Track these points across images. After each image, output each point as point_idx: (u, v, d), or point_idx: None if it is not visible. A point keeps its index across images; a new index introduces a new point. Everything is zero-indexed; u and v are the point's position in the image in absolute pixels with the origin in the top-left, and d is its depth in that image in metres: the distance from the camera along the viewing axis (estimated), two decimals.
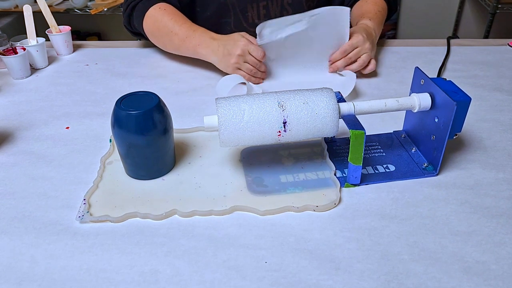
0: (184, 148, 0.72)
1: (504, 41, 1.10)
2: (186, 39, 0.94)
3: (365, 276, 0.50)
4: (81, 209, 0.59)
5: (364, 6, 1.05)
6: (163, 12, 0.98)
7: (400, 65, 1.00)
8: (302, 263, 0.52)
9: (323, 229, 0.56)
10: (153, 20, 0.98)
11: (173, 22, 0.96)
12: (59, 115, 0.83)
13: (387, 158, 0.69)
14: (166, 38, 0.98)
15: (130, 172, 0.65)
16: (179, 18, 0.97)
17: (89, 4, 2.20)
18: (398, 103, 0.62)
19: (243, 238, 0.55)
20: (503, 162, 0.68)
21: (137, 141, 0.60)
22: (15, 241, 0.55)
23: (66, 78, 0.98)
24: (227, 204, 0.60)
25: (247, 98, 0.59)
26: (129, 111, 0.59)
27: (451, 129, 0.59)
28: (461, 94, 0.60)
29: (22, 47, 0.97)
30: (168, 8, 0.99)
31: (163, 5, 0.99)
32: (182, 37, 0.94)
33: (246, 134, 0.58)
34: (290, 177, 0.64)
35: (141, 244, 0.55)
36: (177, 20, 0.96)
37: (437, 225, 0.56)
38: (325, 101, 0.58)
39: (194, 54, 0.96)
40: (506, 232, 0.55)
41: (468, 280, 0.49)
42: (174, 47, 0.99)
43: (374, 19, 0.99)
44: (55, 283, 0.50)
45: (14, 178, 0.67)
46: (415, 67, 0.66)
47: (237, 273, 0.51)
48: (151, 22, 0.99)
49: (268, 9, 1.06)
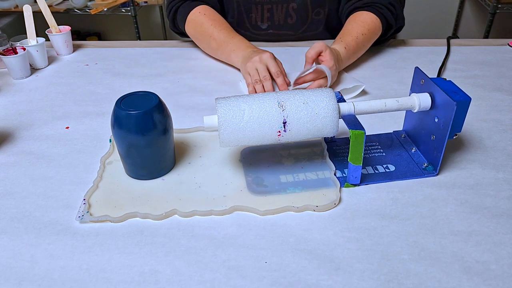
0: (184, 148, 0.72)
1: (504, 41, 1.10)
2: (222, 44, 0.97)
3: (365, 276, 0.50)
4: (81, 209, 0.59)
5: (348, 26, 0.97)
6: (203, 17, 1.01)
7: (400, 65, 0.99)
8: (302, 263, 0.52)
9: (323, 229, 0.56)
10: (194, 25, 1.02)
11: (213, 28, 0.99)
12: (59, 115, 0.83)
13: (387, 158, 0.69)
14: (206, 42, 1.02)
15: (130, 172, 0.65)
16: (219, 24, 1.00)
17: (89, 4, 2.20)
18: (398, 103, 0.62)
19: (243, 238, 0.55)
20: (503, 162, 0.68)
21: (137, 141, 0.60)
22: (15, 241, 0.55)
23: (66, 78, 0.98)
24: (227, 204, 0.60)
25: (247, 98, 0.59)
26: (129, 111, 0.59)
27: (451, 129, 0.59)
28: (461, 94, 0.60)
29: (22, 47, 0.97)
30: (208, 12, 1.02)
31: (203, 9, 1.02)
32: (220, 42, 0.97)
33: (246, 134, 0.58)
34: (290, 177, 0.64)
35: (141, 244, 0.55)
36: (216, 25, 0.99)
37: (437, 225, 0.56)
38: (325, 101, 0.58)
39: (228, 59, 0.98)
40: (506, 232, 0.55)
41: (468, 280, 0.49)
42: (212, 50, 1.02)
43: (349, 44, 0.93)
44: (55, 283, 0.50)
45: (14, 178, 0.67)
46: (415, 67, 0.66)
47: (237, 273, 0.51)
48: (193, 27, 1.03)
49: (272, 12, 1.06)
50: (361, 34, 0.95)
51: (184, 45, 1.13)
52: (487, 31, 2.09)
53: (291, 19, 1.07)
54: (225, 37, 0.97)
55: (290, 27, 1.08)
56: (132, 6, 2.22)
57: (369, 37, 0.97)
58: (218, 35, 0.98)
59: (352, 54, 0.95)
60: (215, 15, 1.02)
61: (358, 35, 0.95)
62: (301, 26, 1.09)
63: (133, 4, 2.21)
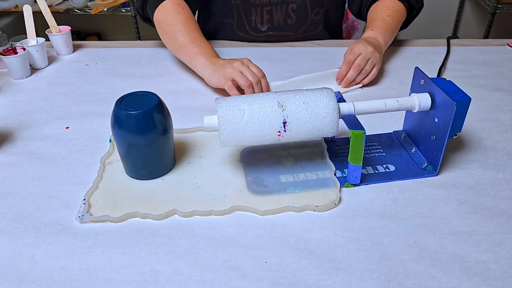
0: (184, 148, 0.72)
1: (504, 41, 1.10)
2: (189, 45, 0.90)
3: (365, 276, 0.50)
4: (81, 209, 0.59)
5: (372, 13, 1.01)
6: (179, 10, 0.94)
7: (400, 65, 0.99)
8: (302, 263, 0.52)
9: (323, 229, 0.56)
10: (166, 13, 0.95)
11: (184, 25, 0.92)
12: (59, 115, 0.83)
13: (387, 158, 0.69)
14: (171, 36, 0.94)
15: (130, 172, 0.65)
16: (192, 24, 0.94)
17: (89, 4, 2.20)
18: (398, 103, 0.62)
19: (243, 238, 0.55)
20: (503, 162, 0.68)
21: (137, 141, 0.60)
22: (15, 241, 0.55)
23: (66, 78, 0.98)
24: (227, 204, 0.60)
25: (247, 98, 0.59)
26: (129, 111, 0.59)
27: (451, 129, 0.59)
28: (461, 94, 0.60)
29: (22, 47, 0.97)
30: (185, 7, 0.96)
31: (181, 2, 0.96)
32: (187, 41, 0.90)
33: (246, 134, 0.58)
34: (290, 177, 0.64)
35: (141, 244, 0.55)
36: (188, 24, 0.93)
37: (437, 225, 0.56)
38: (325, 101, 0.58)
39: (190, 61, 0.91)
40: (506, 232, 0.55)
41: (468, 280, 0.49)
42: (175, 47, 0.95)
43: (378, 27, 0.95)
44: (55, 283, 0.50)
45: (14, 178, 0.67)
46: (415, 67, 0.66)
47: (237, 273, 0.51)
48: (163, 14, 0.95)
49: (271, 14, 1.05)
50: (387, 16, 0.97)
51: None
52: (487, 31, 2.09)
53: (290, 20, 1.07)
54: (193, 38, 0.90)
55: (290, 28, 1.09)
56: (132, 6, 2.22)
57: (397, 18, 0.99)
58: (188, 34, 0.91)
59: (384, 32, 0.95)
60: (189, 13, 0.96)
61: (384, 17, 0.97)
62: (301, 26, 1.09)
63: (133, 4, 2.21)
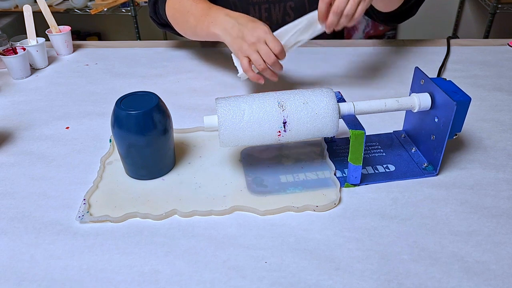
0: (184, 148, 0.72)
1: (504, 41, 1.10)
2: (200, 18, 0.84)
3: (365, 276, 0.50)
4: (81, 209, 0.59)
5: None
6: None
7: (400, 65, 0.99)
8: (302, 263, 0.52)
9: (323, 229, 0.56)
10: (174, 2, 0.92)
11: (191, 2, 0.87)
12: (59, 115, 0.83)
13: (387, 158, 0.69)
14: (185, 21, 0.89)
15: (130, 172, 0.65)
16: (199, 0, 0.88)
17: (89, 4, 2.20)
18: (398, 103, 0.62)
19: (243, 238, 0.55)
20: (503, 162, 0.68)
21: (137, 141, 0.60)
22: (15, 241, 0.55)
23: (66, 78, 0.98)
24: (227, 204, 0.60)
25: (247, 98, 0.59)
26: (129, 111, 0.59)
27: (451, 129, 0.59)
28: (461, 94, 0.60)
29: (22, 47, 0.97)
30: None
31: None
32: (198, 16, 0.85)
33: (246, 134, 0.58)
34: (290, 177, 0.64)
35: (141, 244, 0.55)
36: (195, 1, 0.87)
37: (437, 225, 0.56)
38: (325, 101, 0.58)
39: (208, 35, 0.84)
40: (506, 232, 0.55)
41: (468, 280, 0.49)
42: (191, 29, 0.88)
43: None
44: (55, 283, 0.50)
45: (14, 178, 0.67)
46: (415, 67, 0.66)
47: (237, 273, 0.51)
48: (172, 4, 0.92)
49: (270, 12, 1.05)
50: None
51: (184, 45, 1.13)
52: (487, 31, 2.09)
53: (289, 18, 1.06)
54: (202, 10, 0.84)
55: None
56: (132, 6, 2.22)
57: None
58: (196, 9, 0.85)
59: None
60: None
61: None
62: None
63: (133, 4, 2.21)
